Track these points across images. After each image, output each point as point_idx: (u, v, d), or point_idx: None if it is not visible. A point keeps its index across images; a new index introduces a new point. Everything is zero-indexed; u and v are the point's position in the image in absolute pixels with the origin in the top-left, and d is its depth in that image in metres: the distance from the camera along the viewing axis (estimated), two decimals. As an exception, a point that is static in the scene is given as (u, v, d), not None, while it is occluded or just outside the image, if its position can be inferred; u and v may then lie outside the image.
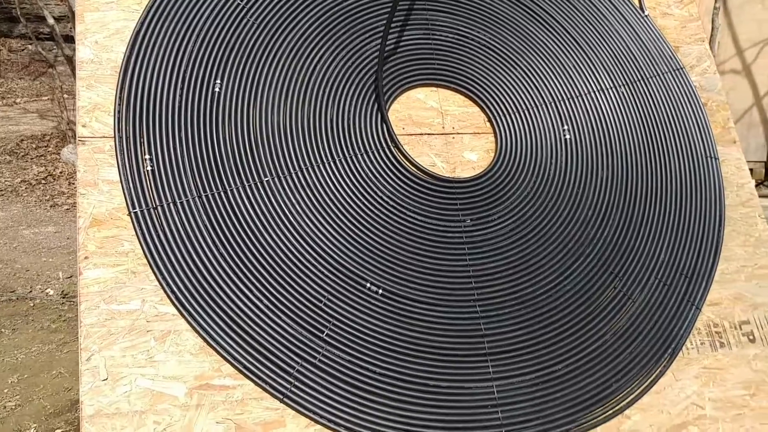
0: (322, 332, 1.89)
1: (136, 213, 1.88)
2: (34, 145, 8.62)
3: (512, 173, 2.26)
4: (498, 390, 1.95)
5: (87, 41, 2.03)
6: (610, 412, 2.00)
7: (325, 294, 1.94)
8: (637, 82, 2.50)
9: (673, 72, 2.55)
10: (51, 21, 8.05)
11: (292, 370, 1.83)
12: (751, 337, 2.23)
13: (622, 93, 2.46)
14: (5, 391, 3.75)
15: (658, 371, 2.09)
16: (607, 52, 2.51)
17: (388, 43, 2.29)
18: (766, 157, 6.78)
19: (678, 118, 2.48)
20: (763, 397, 2.14)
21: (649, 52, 2.56)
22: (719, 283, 2.28)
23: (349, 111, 2.18)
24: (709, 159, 2.44)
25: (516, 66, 2.40)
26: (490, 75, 2.37)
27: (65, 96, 8.70)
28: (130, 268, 1.84)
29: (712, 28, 5.74)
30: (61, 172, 7.87)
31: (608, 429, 1.98)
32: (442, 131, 2.29)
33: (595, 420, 1.98)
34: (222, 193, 1.96)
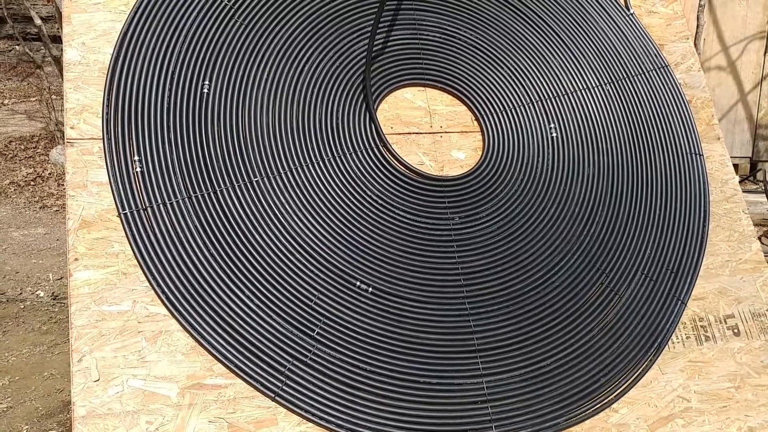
0: (313, 331, 1.91)
1: (125, 214, 1.89)
2: (22, 147, 8.58)
3: (500, 171, 2.28)
4: (487, 386, 1.97)
5: (74, 43, 2.03)
6: (598, 405, 2.03)
7: (315, 293, 1.95)
8: (623, 80, 2.52)
9: (658, 70, 2.58)
10: (38, 21, 8.01)
11: (283, 369, 1.85)
12: (735, 331, 2.26)
13: (608, 91, 2.49)
14: (-4, 393, 3.74)
15: (644, 365, 2.12)
16: (593, 50, 2.54)
17: (375, 43, 2.30)
18: (751, 153, 6.83)
19: (663, 116, 2.51)
20: (748, 390, 2.18)
21: (635, 50, 2.59)
22: (704, 278, 2.31)
23: (337, 111, 2.20)
24: (693, 155, 2.47)
25: (503, 65, 2.42)
26: (478, 74, 2.39)
27: (53, 97, 8.66)
28: (121, 270, 1.84)
29: (697, 26, 5.79)
30: (50, 174, 7.84)
31: (596, 422, 2.01)
32: (430, 130, 2.31)
33: (583, 414, 2.00)
34: (212, 194, 1.97)
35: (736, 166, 6.67)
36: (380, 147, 2.20)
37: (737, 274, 2.35)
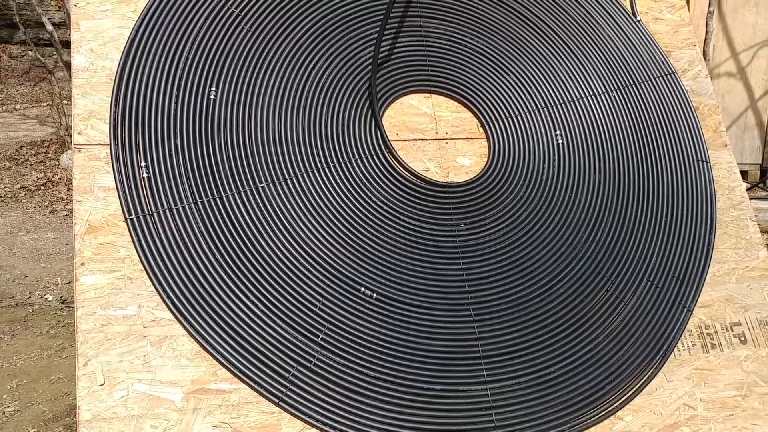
0: (317, 336, 1.91)
1: (132, 219, 1.90)
2: (33, 151, 8.64)
3: (505, 178, 2.28)
4: (492, 393, 1.97)
5: (82, 49, 2.05)
6: (603, 413, 2.02)
7: (320, 298, 1.96)
8: (629, 87, 2.52)
9: (664, 76, 2.58)
10: (50, 27, 8.08)
11: (287, 374, 1.85)
12: (742, 339, 2.25)
13: (615, 97, 2.49)
14: (4, 396, 3.76)
15: (650, 373, 2.11)
16: (600, 57, 2.54)
17: (381, 49, 2.31)
18: (761, 159, 6.79)
19: (670, 122, 2.50)
20: (755, 398, 2.16)
21: (641, 56, 2.58)
22: (710, 285, 2.30)
23: (343, 117, 2.21)
24: (700, 162, 2.47)
25: (509, 72, 2.43)
26: (483, 81, 2.40)
27: (64, 102, 8.73)
28: (127, 274, 1.86)
29: (707, 32, 5.78)
30: (60, 178, 7.89)
31: (601, 430, 2.00)
32: (436, 137, 2.31)
33: (588, 421, 2.00)
34: (218, 200, 1.98)
35: (746, 172, 6.62)
36: (386, 153, 2.20)
37: (744, 281, 2.34)
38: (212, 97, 2.09)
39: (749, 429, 2.11)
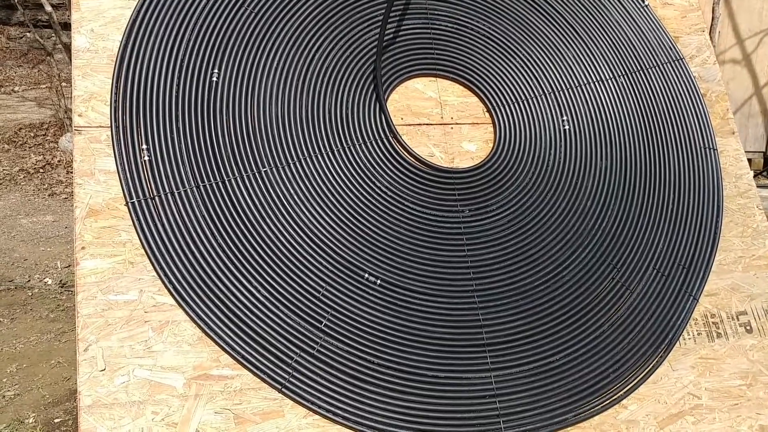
0: (321, 323, 1.89)
1: (133, 203, 1.87)
2: (32, 134, 8.59)
3: (511, 164, 2.25)
4: (496, 380, 1.95)
5: (83, 29, 2.02)
6: (607, 401, 2.01)
7: (323, 284, 1.94)
8: (637, 73, 2.49)
9: (672, 62, 2.54)
10: (49, 8, 8.01)
11: (290, 361, 1.84)
12: (747, 328, 2.24)
13: (622, 83, 2.46)
14: (4, 380, 3.75)
15: (655, 361, 2.09)
16: (607, 42, 2.50)
17: (387, 32, 2.27)
18: (765, 147, 6.76)
19: (677, 109, 2.47)
20: (760, 388, 2.15)
21: (649, 42, 2.55)
22: (716, 274, 2.28)
23: (347, 101, 2.18)
24: (707, 150, 2.44)
25: (515, 56, 2.39)
26: (490, 65, 2.36)
27: (63, 84, 8.67)
28: (128, 259, 1.83)
29: (713, 18, 5.73)
30: (59, 161, 7.85)
31: (605, 419, 1.99)
32: (441, 121, 2.28)
33: (592, 410, 1.99)
34: (220, 184, 1.96)
35: (749, 160, 6.61)
36: (390, 138, 2.18)
37: (750, 270, 2.32)
38: (215, 79, 2.05)
39: (754, 418, 2.10)
